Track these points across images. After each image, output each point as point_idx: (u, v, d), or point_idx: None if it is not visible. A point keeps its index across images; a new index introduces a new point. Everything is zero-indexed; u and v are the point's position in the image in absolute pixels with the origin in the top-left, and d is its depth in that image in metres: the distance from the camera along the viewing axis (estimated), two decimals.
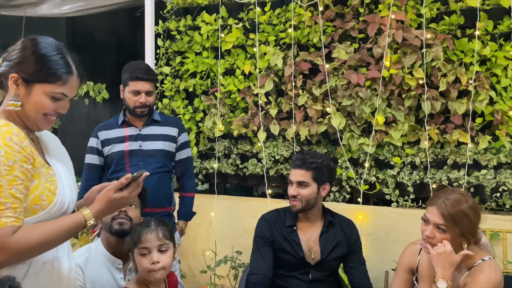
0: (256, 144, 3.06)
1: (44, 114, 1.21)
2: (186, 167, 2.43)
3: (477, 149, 2.63)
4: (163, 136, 2.32)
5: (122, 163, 2.25)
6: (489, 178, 2.58)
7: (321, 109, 2.85)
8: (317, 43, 2.90)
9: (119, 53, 4.40)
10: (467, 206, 1.56)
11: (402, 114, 2.69)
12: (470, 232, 1.58)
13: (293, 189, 1.97)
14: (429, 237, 1.59)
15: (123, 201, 1.27)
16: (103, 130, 2.33)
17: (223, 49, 3.12)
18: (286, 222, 2.04)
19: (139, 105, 2.23)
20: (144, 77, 2.23)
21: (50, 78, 1.19)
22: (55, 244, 1.20)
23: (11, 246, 1.09)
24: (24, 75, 1.18)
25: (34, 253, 1.16)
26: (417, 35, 2.63)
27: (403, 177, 2.73)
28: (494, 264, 1.60)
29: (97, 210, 1.24)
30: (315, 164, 1.95)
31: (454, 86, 2.63)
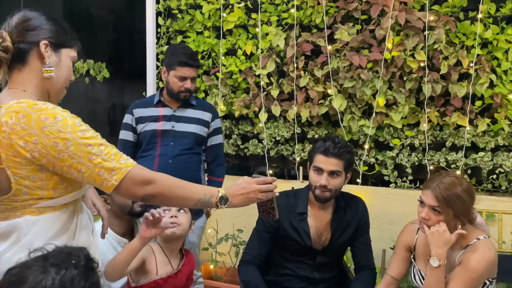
0: (257, 125, 3.08)
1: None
2: (217, 152, 2.43)
3: (475, 132, 2.67)
4: (197, 120, 2.33)
5: (153, 142, 2.28)
6: (486, 160, 2.63)
7: (322, 90, 2.87)
8: (320, 24, 2.89)
9: (118, 31, 4.36)
10: (461, 189, 1.62)
11: (403, 97, 2.71)
12: (463, 214, 1.63)
13: (325, 178, 1.85)
14: (425, 219, 1.64)
15: (254, 195, 1.31)
16: (138, 108, 2.35)
17: (224, 28, 3.11)
18: (296, 208, 1.95)
19: (184, 90, 2.25)
20: (193, 64, 2.24)
21: (72, 42, 1.25)
22: (184, 199, 1.25)
23: (156, 178, 1.19)
24: (52, 40, 1.20)
25: (169, 196, 1.22)
26: (420, 17, 2.63)
27: (402, 159, 2.78)
28: (488, 243, 1.64)
29: (232, 190, 1.30)
30: (349, 154, 1.89)
31: (455, 69, 2.65)
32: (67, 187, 1.17)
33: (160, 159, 2.26)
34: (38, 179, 1.13)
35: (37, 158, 1.11)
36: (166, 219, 1.60)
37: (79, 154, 1.11)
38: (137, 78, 3.48)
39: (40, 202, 1.14)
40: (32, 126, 1.09)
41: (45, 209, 1.15)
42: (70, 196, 1.19)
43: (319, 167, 1.86)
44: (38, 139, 1.09)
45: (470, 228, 1.69)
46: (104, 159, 1.13)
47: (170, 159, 2.26)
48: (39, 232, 1.14)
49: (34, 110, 1.11)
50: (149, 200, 1.21)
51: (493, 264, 1.63)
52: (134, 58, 3.82)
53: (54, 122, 1.10)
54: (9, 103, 1.13)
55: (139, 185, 1.17)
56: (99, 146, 1.13)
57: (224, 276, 2.99)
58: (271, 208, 1.37)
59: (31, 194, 1.14)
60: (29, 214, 1.14)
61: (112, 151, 1.15)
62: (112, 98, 4.37)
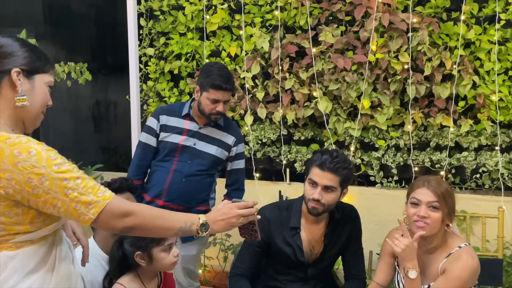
0: (243, 127, 3.07)
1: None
2: (237, 178, 2.36)
3: (459, 132, 2.70)
4: (219, 142, 2.25)
5: (172, 155, 2.22)
6: (470, 159, 2.66)
7: (307, 93, 2.86)
8: (304, 25, 2.88)
9: (99, 30, 4.27)
10: (448, 186, 1.68)
11: (388, 98, 2.72)
12: (453, 211, 1.67)
13: (318, 192, 1.78)
14: (425, 217, 1.63)
15: (235, 220, 1.29)
16: (165, 115, 2.26)
17: (208, 30, 3.07)
18: (289, 223, 1.89)
19: (215, 112, 2.16)
20: (227, 87, 2.13)
21: (46, 67, 1.20)
22: (165, 229, 1.22)
23: (135, 210, 1.16)
24: (25, 67, 1.16)
25: (149, 227, 1.19)
26: (404, 18, 2.63)
27: (387, 159, 2.80)
28: (470, 251, 1.67)
29: (213, 216, 1.28)
30: (346, 170, 1.80)
31: (439, 70, 2.67)
32: (45, 220, 1.15)
33: (174, 175, 2.20)
34: (14, 214, 1.10)
35: (11, 194, 1.08)
36: (173, 258, 1.56)
37: (54, 189, 1.08)
38: (120, 74, 3.42)
39: (17, 237, 1.11)
40: (5, 162, 1.06)
41: (23, 243, 1.12)
42: (48, 229, 1.16)
43: (314, 180, 1.80)
44: (11, 175, 1.06)
45: (452, 236, 1.71)
46: (81, 192, 1.10)
47: (184, 177, 2.20)
48: (17, 267, 1.11)
49: (7, 145, 1.07)
50: (128, 232, 1.19)
51: (476, 272, 1.66)
52: (117, 54, 3.75)
53: (28, 156, 1.07)
54: None
55: (117, 217, 1.14)
56: (76, 180, 1.10)
57: (213, 280, 3.00)
58: (253, 230, 1.37)
59: (7, 230, 1.11)
60: (5, 249, 1.11)
61: (89, 184, 1.12)
62: (96, 94, 4.30)
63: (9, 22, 4.04)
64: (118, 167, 3.92)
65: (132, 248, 1.54)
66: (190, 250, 2.28)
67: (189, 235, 1.25)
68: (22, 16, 4.21)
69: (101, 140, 4.47)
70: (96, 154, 4.37)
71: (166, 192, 2.20)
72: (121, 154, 4.22)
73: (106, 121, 4.46)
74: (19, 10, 4.23)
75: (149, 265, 1.55)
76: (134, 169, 2.28)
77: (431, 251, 1.71)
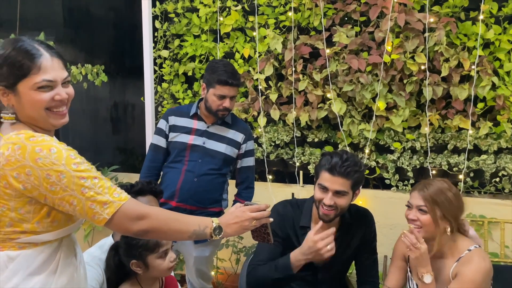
0: (256, 129, 3.05)
1: (46, 108, 1.18)
2: (247, 175, 2.35)
3: (478, 134, 2.63)
4: (228, 140, 2.25)
5: (182, 155, 2.23)
6: (489, 163, 2.59)
7: (321, 94, 2.83)
8: (318, 26, 2.85)
9: (117, 32, 4.33)
10: (450, 192, 1.65)
11: (403, 100, 2.67)
12: (451, 215, 1.63)
13: (330, 198, 1.72)
14: (413, 220, 1.66)
15: (248, 223, 1.29)
16: (173, 116, 2.29)
17: (222, 32, 3.07)
18: (300, 221, 1.86)
19: (222, 108, 2.17)
20: (233, 83, 2.15)
21: (22, 71, 1.13)
22: (179, 232, 1.22)
23: (150, 213, 1.16)
24: (3, 82, 1.15)
25: (164, 230, 1.19)
26: (420, 18, 2.57)
27: (403, 162, 2.74)
28: (482, 253, 1.64)
29: (226, 219, 1.28)
30: (357, 173, 1.72)
31: (457, 71, 2.60)
32: (53, 222, 1.15)
33: (186, 175, 2.21)
34: (25, 211, 1.12)
35: (29, 190, 1.10)
36: (169, 264, 1.53)
37: (71, 187, 1.10)
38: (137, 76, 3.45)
39: (22, 236, 1.13)
40: (26, 158, 1.09)
41: (26, 245, 1.14)
42: (53, 234, 1.17)
43: (324, 185, 1.73)
44: (31, 170, 1.09)
45: (460, 238, 1.69)
46: (97, 192, 1.11)
47: (195, 177, 2.21)
48: (17, 269, 1.12)
49: (30, 142, 1.10)
50: (143, 235, 1.18)
51: (489, 274, 1.62)
52: (134, 56, 3.79)
53: (49, 154, 1.09)
54: (9, 134, 1.13)
55: (132, 220, 1.14)
56: (93, 179, 1.12)
57: (226, 282, 2.99)
58: (265, 233, 1.36)
59: (14, 226, 1.12)
60: (8, 249, 1.12)
61: (106, 185, 1.13)
62: (113, 96, 4.35)
63: (30, 26, 4.13)
64: (135, 168, 3.95)
65: (126, 257, 1.52)
66: (203, 251, 2.27)
67: (203, 238, 1.25)
68: (42, 20, 4.30)
69: (118, 142, 4.52)
70: (113, 155, 4.42)
71: (179, 192, 2.20)
72: (137, 155, 4.25)
73: (123, 122, 4.50)
74: (40, 14, 4.32)
75: (146, 272, 1.52)
76: (145, 170, 2.30)
77: (440, 256, 1.68)
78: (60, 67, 1.19)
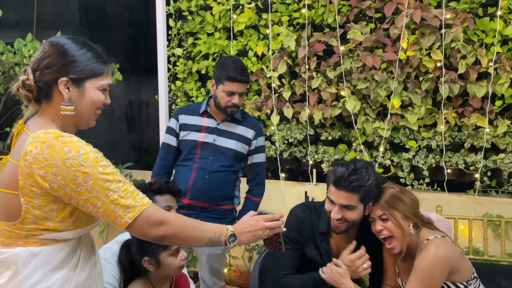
0: (269, 127, 3.04)
1: (96, 108, 1.25)
2: (258, 172, 2.34)
3: (495, 133, 2.57)
4: (238, 136, 2.26)
5: (193, 153, 2.25)
6: (507, 162, 2.53)
7: (335, 92, 2.80)
8: (332, 23, 2.82)
9: (132, 31, 4.36)
10: (394, 191, 1.67)
11: (419, 97, 2.63)
12: (411, 212, 1.64)
13: (336, 211, 1.67)
14: (381, 230, 1.66)
15: (261, 232, 1.31)
16: (183, 114, 2.32)
17: (235, 29, 3.07)
18: (319, 227, 1.80)
19: (231, 105, 2.19)
20: (242, 79, 2.16)
21: (95, 72, 1.21)
22: (195, 240, 1.24)
23: (169, 219, 1.18)
24: (73, 75, 1.18)
25: (181, 237, 1.21)
26: (436, 14, 2.53)
27: (418, 161, 2.70)
28: (439, 241, 1.59)
29: (240, 227, 1.30)
30: (364, 188, 1.62)
31: (474, 68, 2.55)
32: (75, 222, 1.17)
33: (197, 172, 2.22)
34: (49, 210, 1.14)
35: (55, 189, 1.12)
36: (180, 262, 1.53)
37: (97, 189, 1.12)
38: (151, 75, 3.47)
39: (44, 233, 1.15)
40: (54, 158, 1.10)
41: (48, 241, 1.15)
42: (74, 232, 1.18)
43: (331, 198, 1.69)
44: (59, 170, 1.10)
45: (422, 231, 1.67)
46: (121, 196, 1.13)
47: (207, 174, 2.22)
48: (39, 265, 1.14)
49: (59, 142, 1.12)
50: (160, 241, 1.20)
51: (444, 262, 1.56)
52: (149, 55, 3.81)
53: (77, 155, 1.11)
54: (37, 132, 1.14)
55: (152, 225, 1.16)
56: (118, 183, 1.14)
57: (238, 280, 2.99)
58: (277, 242, 1.37)
59: (38, 224, 1.14)
60: (31, 245, 1.14)
61: (129, 189, 1.15)
62: (129, 95, 4.39)
63: (47, 25, 4.19)
64: (149, 165, 3.97)
65: (138, 254, 1.53)
66: (216, 249, 2.28)
67: (218, 245, 1.27)
68: (59, 19, 4.36)
69: (132, 139, 4.56)
70: (128, 153, 4.46)
71: (191, 190, 2.21)
72: (152, 153, 4.29)
73: (138, 120, 4.54)
74: (56, 13, 4.38)
75: (157, 269, 1.53)
76: (157, 169, 2.33)
77: (411, 256, 1.66)
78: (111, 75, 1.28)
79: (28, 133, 1.16)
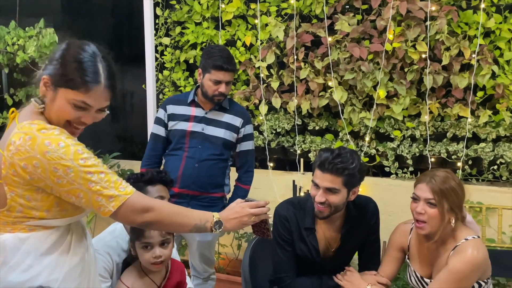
0: (257, 117, 3.07)
1: (67, 121, 1.20)
2: (246, 159, 2.38)
3: (477, 123, 2.66)
4: (226, 125, 2.29)
5: (182, 142, 2.27)
6: (488, 151, 2.62)
7: (323, 82, 2.85)
8: (320, 14, 2.85)
9: (116, 19, 4.30)
10: (455, 182, 1.63)
11: (404, 88, 2.69)
12: (458, 206, 1.63)
13: (320, 195, 1.70)
14: (421, 213, 1.62)
15: (247, 219, 1.33)
16: (171, 104, 2.33)
17: (223, 19, 3.07)
18: (304, 223, 1.83)
19: (218, 93, 2.21)
20: (228, 68, 2.18)
21: (71, 83, 1.16)
22: (181, 226, 1.27)
23: (155, 206, 1.20)
24: (52, 78, 1.18)
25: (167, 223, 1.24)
26: (422, 7, 2.59)
27: (402, 150, 2.78)
28: (477, 243, 1.60)
29: (226, 215, 1.32)
30: (348, 170, 1.67)
31: (457, 60, 2.62)
32: (61, 211, 1.19)
33: (187, 161, 2.25)
34: (33, 199, 1.15)
35: (36, 181, 1.13)
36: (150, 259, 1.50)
37: (78, 181, 1.13)
38: (136, 64, 3.44)
39: (31, 220, 1.16)
40: (35, 150, 1.11)
41: (36, 227, 1.17)
42: (62, 221, 1.20)
43: (315, 182, 1.73)
44: (39, 163, 1.11)
45: (461, 227, 1.66)
46: (104, 186, 1.15)
47: (196, 163, 2.24)
48: (30, 250, 1.16)
49: (41, 134, 1.12)
50: (147, 227, 1.23)
51: (481, 266, 1.60)
52: (133, 44, 3.77)
53: (57, 148, 1.12)
54: (23, 123, 1.15)
55: (137, 212, 1.19)
56: (99, 174, 1.15)
57: (227, 268, 3.03)
58: (265, 229, 1.40)
59: (24, 212, 1.15)
60: (19, 231, 1.16)
61: (112, 179, 1.17)
62: None
63: (29, 12, 4.10)
64: (134, 155, 3.96)
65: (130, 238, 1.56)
66: (206, 236, 2.31)
67: (203, 231, 1.30)
68: (41, 6, 4.26)
69: (117, 129, 4.53)
70: (113, 143, 4.43)
71: (181, 178, 2.23)
72: (137, 143, 4.26)
73: (122, 110, 4.51)
74: (38, 0, 4.29)
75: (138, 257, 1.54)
76: (146, 159, 2.35)
77: (441, 243, 1.67)
78: (107, 98, 1.21)
79: (16, 123, 1.17)
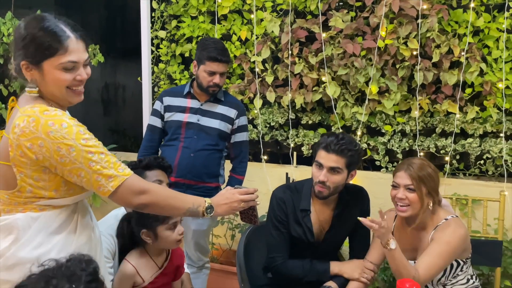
0: (252, 111, 3.12)
1: (67, 87, 1.24)
2: (240, 150, 2.45)
3: (465, 119, 2.74)
4: (221, 116, 2.35)
5: (178, 133, 2.33)
6: (475, 146, 2.71)
7: (316, 77, 2.91)
8: (314, 10, 2.91)
9: (111, 12, 4.31)
10: (430, 169, 1.77)
11: (395, 84, 2.76)
12: (434, 190, 1.77)
13: (324, 174, 1.80)
14: (402, 199, 1.76)
15: (236, 205, 1.39)
16: (168, 96, 2.39)
17: (219, 13, 3.11)
18: (300, 205, 1.93)
19: (213, 84, 2.27)
20: (222, 59, 2.25)
21: (48, 51, 1.19)
22: (175, 209, 1.32)
23: (151, 189, 1.25)
24: (29, 59, 1.21)
25: (162, 206, 1.29)
26: (414, 5, 2.65)
27: (393, 144, 2.85)
28: (458, 221, 1.77)
29: (217, 200, 1.37)
30: (351, 152, 1.81)
31: (447, 57, 2.70)
32: (69, 190, 1.25)
33: (183, 151, 2.31)
34: (41, 179, 1.21)
35: (41, 160, 1.19)
36: (177, 236, 1.60)
37: (80, 160, 1.18)
38: (130, 57, 3.46)
39: (41, 200, 1.22)
40: (39, 130, 1.17)
41: (46, 207, 1.23)
42: (70, 199, 1.26)
43: (320, 162, 1.82)
44: (43, 142, 1.17)
45: (438, 210, 1.81)
46: (103, 166, 1.20)
47: (192, 153, 2.31)
48: (40, 228, 1.22)
49: (44, 116, 1.18)
50: (142, 209, 1.28)
51: (465, 241, 1.73)
52: (128, 37, 3.78)
53: (60, 128, 1.17)
54: (25, 107, 1.21)
55: (134, 194, 1.24)
56: (100, 154, 1.20)
57: (220, 258, 3.09)
58: (252, 215, 1.47)
59: (34, 192, 1.21)
60: (30, 210, 1.22)
61: (111, 160, 1.22)
62: (106, 77, 4.36)
63: (21, 4, 4.09)
64: (127, 149, 4.00)
65: (137, 226, 1.60)
66: (201, 225, 2.37)
67: (195, 216, 1.36)
68: None
69: (110, 122, 4.54)
70: (105, 136, 4.45)
71: (177, 168, 2.29)
72: (130, 136, 4.29)
73: (115, 103, 4.52)
74: None
75: (155, 242, 1.60)
76: (143, 150, 2.42)
77: (421, 228, 1.79)
78: (83, 49, 1.25)
79: (18, 108, 1.22)
